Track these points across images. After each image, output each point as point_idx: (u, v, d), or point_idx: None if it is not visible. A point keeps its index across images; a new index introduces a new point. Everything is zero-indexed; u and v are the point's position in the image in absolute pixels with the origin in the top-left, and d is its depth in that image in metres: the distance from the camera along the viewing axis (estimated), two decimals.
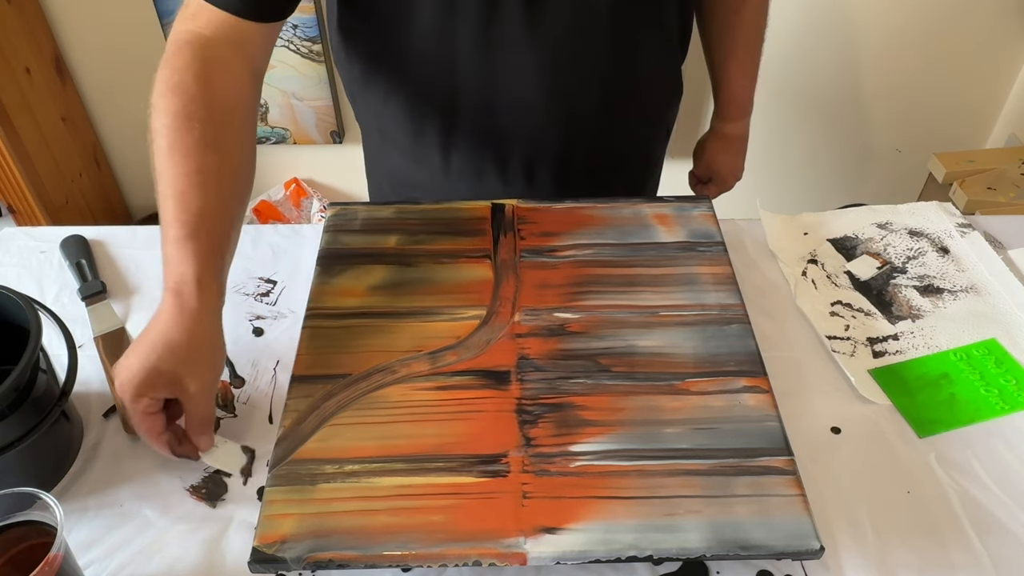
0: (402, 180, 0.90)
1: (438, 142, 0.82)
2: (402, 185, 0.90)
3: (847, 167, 1.77)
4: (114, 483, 0.62)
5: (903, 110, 1.66)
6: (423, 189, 0.88)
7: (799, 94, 1.64)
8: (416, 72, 0.78)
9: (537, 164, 0.83)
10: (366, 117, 0.88)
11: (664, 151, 0.99)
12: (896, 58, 1.58)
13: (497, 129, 0.80)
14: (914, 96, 1.64)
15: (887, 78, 1.61)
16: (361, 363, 0.64)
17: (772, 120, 1.69)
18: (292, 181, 1.81)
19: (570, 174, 0.85)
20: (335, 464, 0.57)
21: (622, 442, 0.58)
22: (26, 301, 0.60)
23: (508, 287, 0.71)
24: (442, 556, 0.52)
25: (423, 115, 0.81)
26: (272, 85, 1.66)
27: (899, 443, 0.64)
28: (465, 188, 0.85)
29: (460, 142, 0.82)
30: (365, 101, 0.85)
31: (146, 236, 0.84)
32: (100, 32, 1.61)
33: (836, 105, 1.66)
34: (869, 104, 1.66)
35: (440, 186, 0.86)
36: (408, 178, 0.89)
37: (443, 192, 0.86)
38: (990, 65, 1.60)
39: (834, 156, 1.75)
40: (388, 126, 0.84)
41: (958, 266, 0.79)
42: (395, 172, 0.90)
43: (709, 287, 0.70)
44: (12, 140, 1.50)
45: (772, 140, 1.72)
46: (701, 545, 0.52)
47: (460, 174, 0.84)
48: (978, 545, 0.57)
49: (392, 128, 0.84)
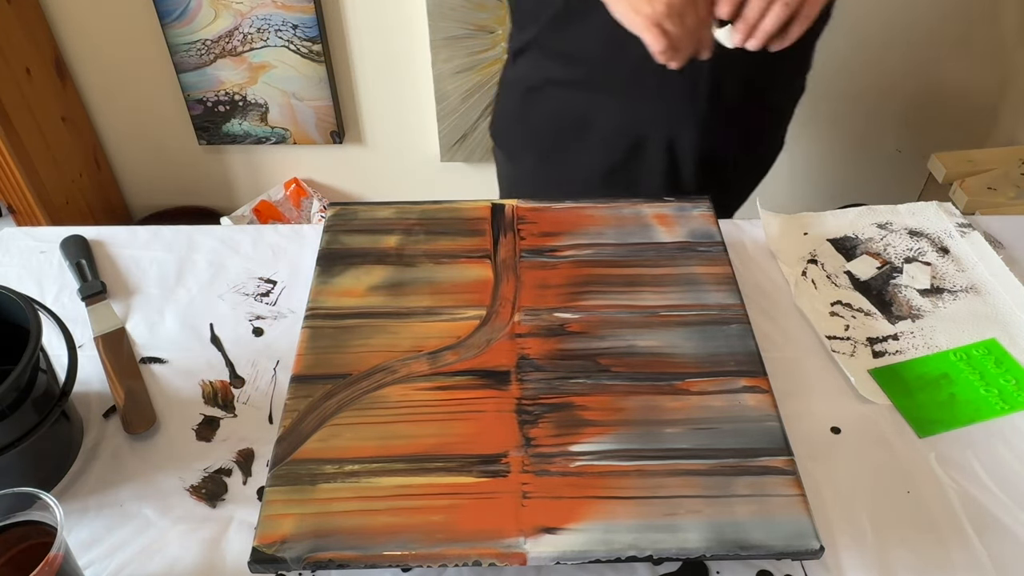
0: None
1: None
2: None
3: (847, 167, 1.77)
4: (114, 483, 0.62)
5: (903, 110, 1.66)
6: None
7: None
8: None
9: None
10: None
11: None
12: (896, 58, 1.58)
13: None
14: (914, 96, 1.64)
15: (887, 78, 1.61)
16: (361, 363, 0.64)
17: None
18: (292, 181, 1.81)
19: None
20: (335, 464, 0.57)
21: (622, 442, 0.58)
22: (26, 301, 0.60)
23: (508, 287, 0.71)
24: (442, 556, 0.52)
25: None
26: (272, 85, 1.66)
27: (899, 443, 0.64)
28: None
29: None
30: None
31: (146, 236, 0.84)
32: (100, 32, 1.61)
33: (836, 105, 1.66)
34: (869, 104, 1.66)
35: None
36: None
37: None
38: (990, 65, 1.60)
39: (834, 156, 1.75)
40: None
41: (958, 266, 0.79)
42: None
43: (709, 287, 0.70)
44: (12, 140, 1.50)
45: None
46: (701, 545, 0.52)
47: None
48: (978, 545, 0.57)
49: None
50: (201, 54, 1.61)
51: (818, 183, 1.81)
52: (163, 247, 0.83)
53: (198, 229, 0.85)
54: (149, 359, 0.72)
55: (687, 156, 0.90)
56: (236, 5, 1.54)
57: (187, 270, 0.80)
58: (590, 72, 0.87)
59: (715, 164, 0.92)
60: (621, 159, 0.91)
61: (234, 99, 1.68)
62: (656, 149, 0.89)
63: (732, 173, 0.97)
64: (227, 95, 1.68)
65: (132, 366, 0.70)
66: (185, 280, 0.79)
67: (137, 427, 0.65)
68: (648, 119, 0.88)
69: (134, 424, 0.65)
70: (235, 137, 1.74)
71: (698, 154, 0.90)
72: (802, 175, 1.79)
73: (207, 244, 0.83)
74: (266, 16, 1.56)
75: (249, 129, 1.73)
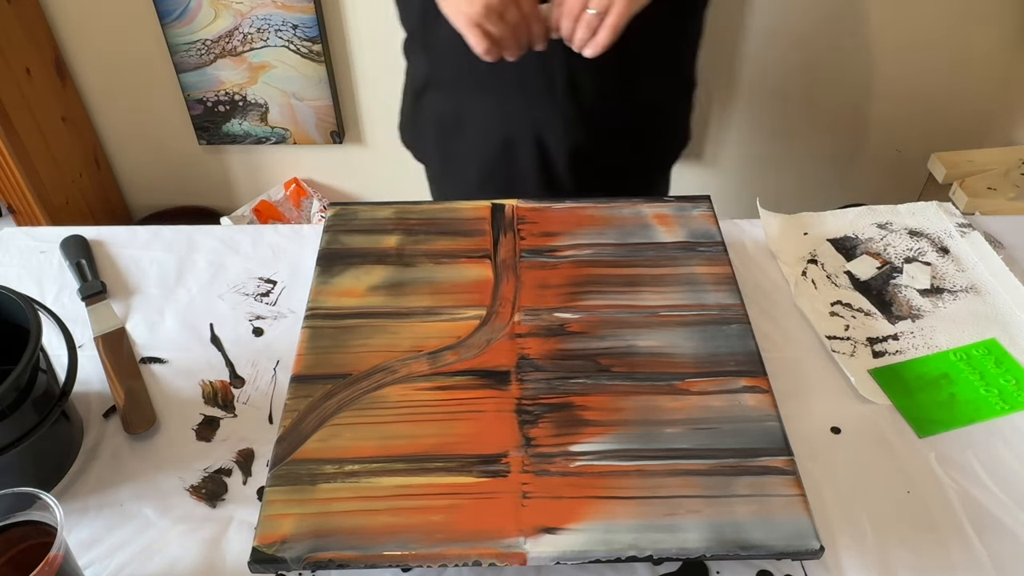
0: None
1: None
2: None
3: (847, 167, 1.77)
4: (114, 483, 0.62)
5: (903, 110, 1.66)
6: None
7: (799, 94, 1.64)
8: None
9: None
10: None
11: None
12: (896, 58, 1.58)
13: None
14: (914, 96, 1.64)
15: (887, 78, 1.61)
16: (361, 363, 0.64)
17: (772, 120, 1.69)
18: (292, 181, 1.81)
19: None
20: (335, 464, 0.57)
21: (622, 442, 0.58)
22: (26, 301, 0.60)
23: (508, 287, 0.71)
24: (442, 556, 0.52)
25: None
26: (272, 85, 1.66)
27: (899, 443, 0.64)
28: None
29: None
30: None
31: (146, 236, 0.84)
32: (100, 32, 1.61)
33: (836, 105, 1.66)
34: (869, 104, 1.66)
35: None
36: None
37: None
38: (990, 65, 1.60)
39: (834, 156, 1.75)
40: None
41: (958, 266, 0.79)
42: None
43: (709, 287, 0.70)
44: (12, 140, 1.50)
45: (772, 140, 1.72)
46: (701, 545, 0.52)
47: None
48: (978, 545, 0.57)
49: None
50: (201, 54, 1.61)
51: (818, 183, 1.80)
52: (163, 247, 0.83)
53: (198, 229, 0.85)
54: (149, 359, 0.72)
55: (559, 155, 0.90)
56: (236, 5, 1.54)
57: (187, 270, 0.80)
58: (457, 72, 0.87)
59: (594, 163, 0.92)
60: (495, 159, 0.92)
61: (234, 99, 1.68)
62: (526, 148, 0.90)
63: (624, 172, 0.96)
64: (227, 95, 1.68)
65: (132, 366, 0.70)
66: (185, 280, 0.79)
67: (137, 427, 0.65)
68: (514, 118, 0.89)
69: (134, 424, 0.65)
70: (235, 137, 1.74)
71: (570, 153, 0.90)
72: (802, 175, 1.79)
73: (207, 244, 0.83)
74: (266, 16, 1.55)
75: (249, 129, 1.73)
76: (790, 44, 1.57)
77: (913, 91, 1.63)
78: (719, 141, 1.74)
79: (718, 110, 1.68)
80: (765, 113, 1.68)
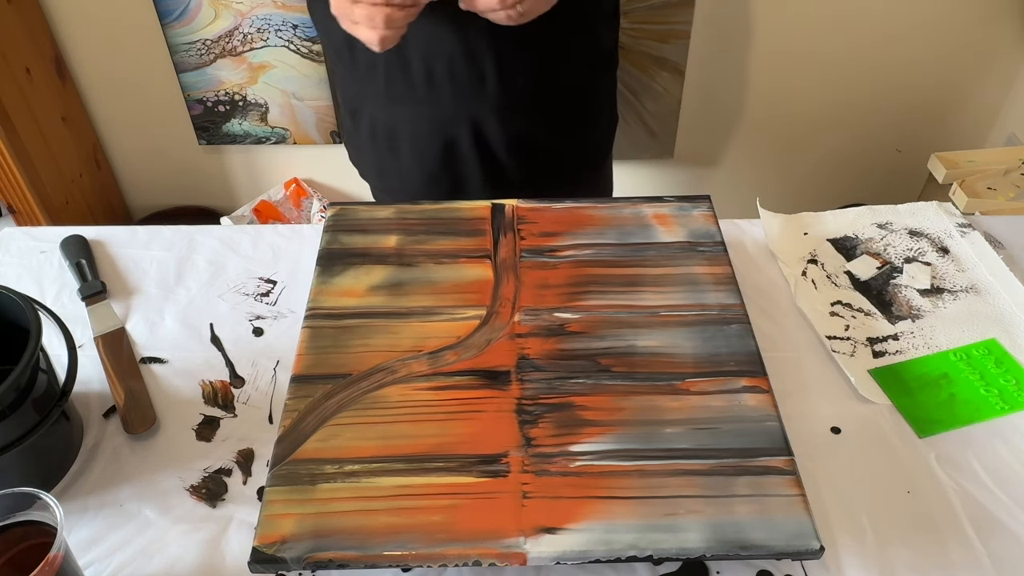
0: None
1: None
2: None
3: (847, 167, 1.77)
4: (114, 483, 0.62)
5: (903, 110, 1.66)
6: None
7: (799, 94, 1.64)
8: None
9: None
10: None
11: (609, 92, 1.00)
12: (896, 58, 1.58)
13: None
14: (914, 96, 1.64)
15: (887, 78, 1.61)
16: (361, 363, 0.64)
17: (772, 120, 1.69)
18: (292, 181, 1.81)
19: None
20: (335, 464, 0.57)
21: (622, 442, 0.58)
22: (26, 301, 0.60)
23: (508, 287, 0.71)
24: (442, 556, 0.52)
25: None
26: (272, 85, 1.66)
27: (899, 443, 0.64)
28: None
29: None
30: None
31: (146, 236, 0.84)
32: (100, 32, 1.61)
33: (836, 105, 1.66)
34: (869, 104, 1.66)
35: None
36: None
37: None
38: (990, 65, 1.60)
39: (834, 156, 1.75)
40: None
41: (958, 266, 0.79)
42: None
43: (709, 287, 0.70)
44: (12, 140, 1.50)
45: (772, 140, 1.73)
46: (701, 545, 0.52)
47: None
48: (978, 545, 0.57)
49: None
50: (201, 54, 1.61)
51: (818, 183, 1.80)
52: (163, 247, 0.83)
53: (198, 229, 0.85)
54: (149, 359, 0.72)
55: (499, 147, 0.91)
56: (236, 5, 1.54)
57: (187, 270, 0.80)
58: (387, 86, 0.88)
59: (534, 151, 0.92)
60: (437, 167, 0.93)
61: (234, 99, 1.68)
62: (467, 147, 0.91)
63: (561, 158, 0.97)
64: (227, 95, 1.67)
65: (132, 366, 0.70)
66: (185, 280, 0.79)
67: (137, 427, 0.65)
68: (452, 121, 0.89)
69: (134, 424, 0.65)
70: (235, 137, 1.74)
71: (509, 143, 0.90)
72: (802, 175, 1.79)
73: (207, 244, 0.83)
74: (266, 16, 1.55)
75: (249, 129, 1.73)
76: (790, 44, 1.57)
77: (913, 91, 1.63)
78: (719, 141, 1.74)
79: (719, 110, 1.68)
80: (765, 113, 1.68)
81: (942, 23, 1.53)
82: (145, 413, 0.66)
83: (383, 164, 0.97)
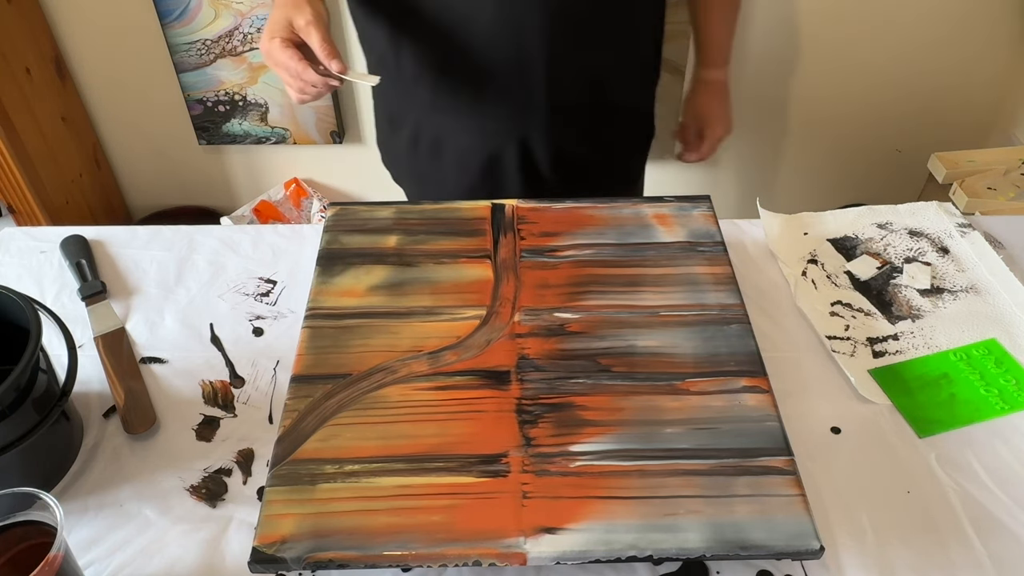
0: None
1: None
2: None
3: (847, 167, 1.77)
4: (114, 483, 0.62)
5: (903, 110, 1.66)
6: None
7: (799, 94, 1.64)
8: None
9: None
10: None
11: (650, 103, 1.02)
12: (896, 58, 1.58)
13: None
14: (914, 96, 1.64)
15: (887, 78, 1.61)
16: (361, 363, 0.64)
17: (772, 120, 1.69)
18: (292, 181, 1.81)
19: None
20: (335, 464, 0.57)
21: (622, 442, 0.58)
22: (26, 301, 0.60)
23: (508, 287, 0.71)
24: (442, 556, 0.52)
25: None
26: (272, 85, 1.66)
27: (899, 443, 0.64)
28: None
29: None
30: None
31: (146, 236, 0.84)
32: (100, 32, 1.61)
33: (836, 105, 1.66)
34: (869, 104, 1.66)
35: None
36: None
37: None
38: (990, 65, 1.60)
39: (834, 156, 1.75)
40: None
41: (958, 266, 0.79)
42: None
43: (709, 287, 0.70)
44: (12, 140, 1.50)
45: (772, 140, 1.72)
46: (701, 545, 0.52)
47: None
48: (978, 545, 0.57)
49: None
50: (201, 54, 1.61)
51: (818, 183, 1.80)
52: (163, 247, 0.83)
53: (198, 229, 0.85)
54: (149, 359, 0.72)
55: (543, 158, 0.91)
56: (236, 5, 1.54)
57: (187, 270, 0.80)
58: (434, 96, 0.88)
59: (575, 162, 0.93)
60: (478, 177, 0.93)
61: (234, 99, 1.68)
62: (511, 159, 0.91)
63: (600, 169, 0.98)
64: (227, 95, 1.67)
65: (132, 366, 0.70)
66: (185, 280, 0.79)
67: (137, 427, 0.65)
68: (500, 133, 0.89)
69: (134, 424, 0.65)
70: (235, 137, 1.74)
71: (553, 155, 0.91)
72: (802, 175, 1.79)
73: (207, 244, 0.83)
74: (266, 16, 1.55)
75: (249, 129, 1.73)
76: (790, 44, 1.57)
77: (913, 91, 1.63)
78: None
79: None
80: (765, 113, 1.68)
81: (942, 23, 1.53)
82: (145, 413, 0.66)
83: (422, 171, 0.97)
